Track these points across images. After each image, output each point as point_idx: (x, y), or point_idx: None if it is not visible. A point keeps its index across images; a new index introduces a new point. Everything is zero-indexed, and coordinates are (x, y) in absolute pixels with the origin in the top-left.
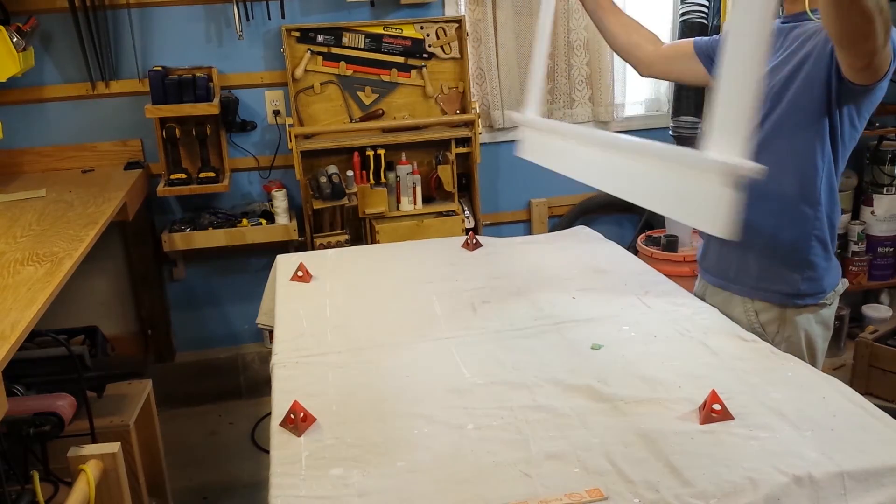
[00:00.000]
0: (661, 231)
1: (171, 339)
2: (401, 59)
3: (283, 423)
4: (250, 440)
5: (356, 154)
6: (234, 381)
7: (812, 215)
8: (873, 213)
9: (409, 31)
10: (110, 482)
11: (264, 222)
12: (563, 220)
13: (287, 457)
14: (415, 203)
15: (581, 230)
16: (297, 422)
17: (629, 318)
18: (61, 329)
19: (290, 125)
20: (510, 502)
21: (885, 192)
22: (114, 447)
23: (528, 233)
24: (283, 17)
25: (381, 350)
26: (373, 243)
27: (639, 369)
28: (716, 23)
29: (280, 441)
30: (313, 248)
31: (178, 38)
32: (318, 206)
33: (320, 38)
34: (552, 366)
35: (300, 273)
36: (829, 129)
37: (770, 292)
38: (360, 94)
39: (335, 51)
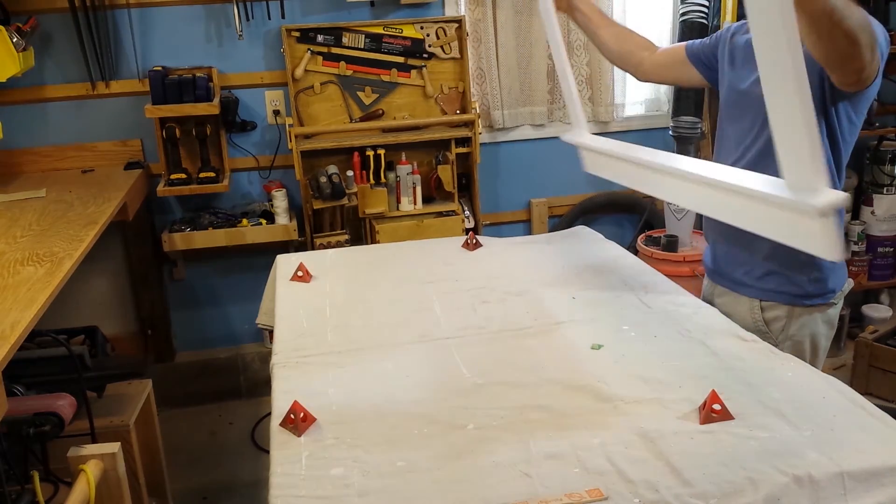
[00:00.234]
0: (661, 231)
1: (171, 339)
2: (401, 59)
3: (283, 423)
4: (250, 440)
5: (356, 154)
6: (234, 381)
7: None
8: (873, 213)
9: (409, 31)
10: (110, 482)
11: (264, 222)
12: (563, 220)
13: (287, 457)
14: (415, 203)
15: (581, 230)
16: (297, 422)
17: (629, 318)
18: (61, 329)
19: (290, 125)
20: (510, 502)
21: (885, 192)
22: (114, 447)
23: (528, 233)
24: (283, 17)
25: (381, 350)
26: (373, 243)
27: (639, 369)
28: (716, 23)
29: (280, 441)
30: (313, 248)
31: (178, 38)
32: (318, 206)
33: (320, 38)
34: (552, 366)
35: (300, 273)
36: (826, 127)
37: (777, 293)
38: (360, 94)
39: (335, 51)
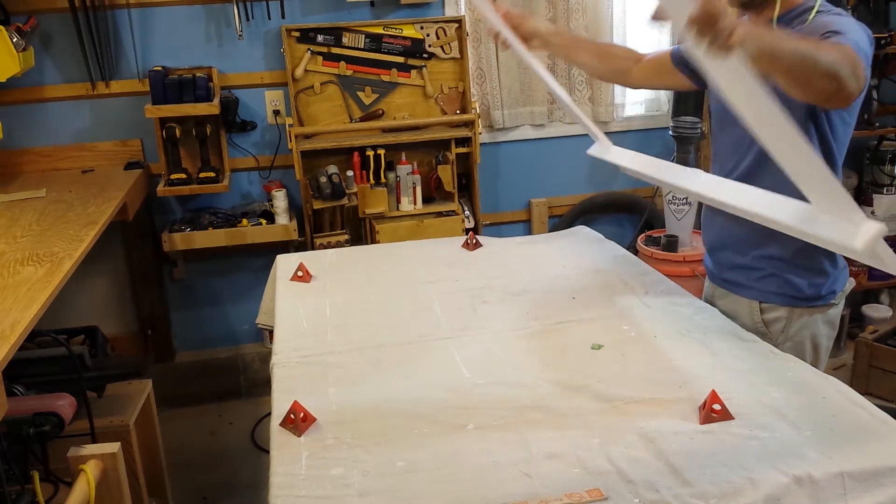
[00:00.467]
0: (661, 231)
1: (171, 339)
2: (401, 59)
3: (283, 423)
4: (250, 440)
5: (356, 154)
6: (233, 381)
7: None
8: (873, 213)
9: (409, 31)
10: (110, 482)
11: (264, 222)
12: (563, 220)
13: (287, 457)
14: (415, 203)
15: (581, 230)
16: (297, 422)
17: (629, 318)
18: (61, 329)
19: (290, 125)
20: (510, 502)
21: (885, 192)
22: (114, 447)
23: (528, 233)
24: (283, 17)
25: (381, 350)
26: (373, 243)
27: (639, 369)
28: None
29: (280, 441)
30: (313, 248)
31: (178, 38)
32: (318, 206)
33: (320, 38)
34: (552, 366)
35: (300, 273)
36: (817, 133)
37: (777, 294)
38: (360, 94)
39: (335, 51)
